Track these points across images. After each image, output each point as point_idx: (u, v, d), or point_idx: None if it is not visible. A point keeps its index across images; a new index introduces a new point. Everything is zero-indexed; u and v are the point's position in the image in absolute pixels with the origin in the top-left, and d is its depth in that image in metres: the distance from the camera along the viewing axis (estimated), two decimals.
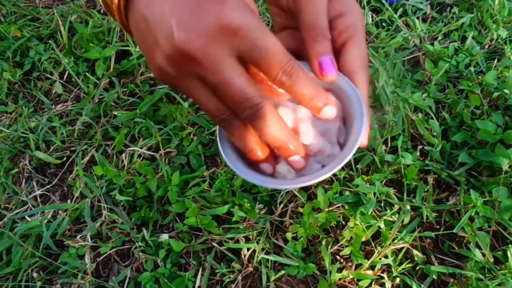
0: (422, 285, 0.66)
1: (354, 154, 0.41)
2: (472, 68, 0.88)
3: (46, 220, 0.76)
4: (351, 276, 0.68)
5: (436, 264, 0.68)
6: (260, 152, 0.41)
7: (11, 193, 0.81)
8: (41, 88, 0.98)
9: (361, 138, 0.41)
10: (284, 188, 0.44)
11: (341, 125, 0.45)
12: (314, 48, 0.42)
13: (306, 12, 0.43)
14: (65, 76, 0.99)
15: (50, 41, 1.01)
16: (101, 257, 0.73)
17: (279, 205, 0.74)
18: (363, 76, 0.44)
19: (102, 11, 1.11)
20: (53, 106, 0.94)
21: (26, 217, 0.77)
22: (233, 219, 0.72)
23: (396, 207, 0.71)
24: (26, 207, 0.80)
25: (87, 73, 0.96)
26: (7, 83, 0.97)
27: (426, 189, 0.74)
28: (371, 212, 0.70)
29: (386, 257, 0.67)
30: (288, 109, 0.44)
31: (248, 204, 0.72)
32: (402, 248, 0.68)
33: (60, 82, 0.97)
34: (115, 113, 0.88)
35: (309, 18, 0.43)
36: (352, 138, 0.42)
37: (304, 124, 0.44)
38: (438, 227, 0.73)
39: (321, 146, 0.44)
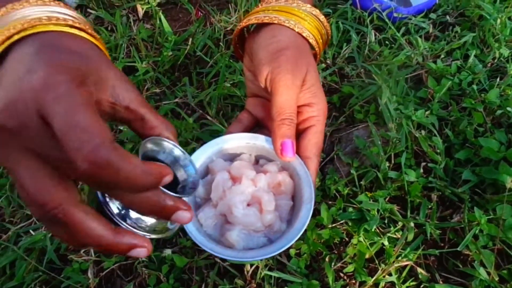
0: None
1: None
2: (475, 86, 0.89)
3: (50, 234, 0.76)
4: None
5: (441, 282, 0.68)
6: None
7: (16, 207, 0.82)
8: None
9: (308, 221, 0.46)
10: (229, 259, 0.48)
11: (291, 203, 0.50)
12: (280, 129, 0.47)
13: (280, 95, 0.48)
14: None
15: None
16: (104, 272, 0.73)
17: None
18: (315, 163, 0.50)
19: (109, 28, 1.13)
20: None
21: (31, 231, 0.77)
22: None
23: (400, 224, 0.71)
24: (30, 220, 0.80)
25: None
26: None
27: (430, 206, 0.74)
28: (375, 229, 0.70)
29: (390, 274, 0.67)
30: (249, 179, 0.49)
31: None
32: (406, 265, 0.67)
33: None
34: (121, 128, 0.89)
35: (282, 102, 0.48)
36: (300, 221, 0.46)
37: (266, 193, 0.48)
38: (442, 244, 0.72)
39: (273, 221, 0.48)
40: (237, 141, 0.52)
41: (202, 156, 0.51)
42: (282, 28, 0.51)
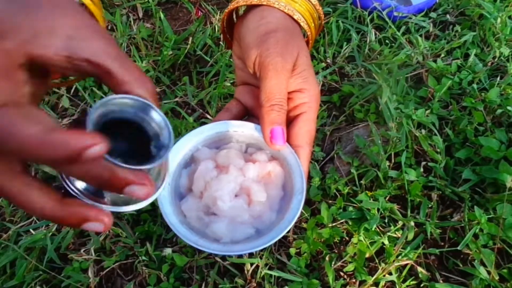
0: None
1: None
2: (475, 85, 0.89)
3: (50, 233, 0.76)
4: None
5: (441, 281, 0.68)
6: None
7: (16, 206, 0.82)
8: (48, 102, 0.99)
9: (299, 213, 0.43)
10: (214, 253, 0.46)
11: (282, 193, 0.48)
12: (269, 115, 0.45)
13: (269, 80, 0.45)
14: (72, 91, 1.01)
15: None
16: (105, 271, 0.73)
17: None
18: (307, 152, 0.47)
19: (109, 27, 1.13)
20: (60, 120, 0.95)
21: (31, 230, 0.77)
22: None
23: (400, 223, 0.71)
24: (30, 220, 0.80)
25: (94, 88, 0.97)
26: None
27: (430, 206, 0.74)
28: (375, 228, 0.70)
29: (390, 274, 0.67)
30: (237, 169, 0.47)
31: None
32: (406, 265, 0.67)
33: (67, 96, 0.99)
34: None
35: (271, 86, 0.45)
36: (291, 212, 0.44)
37: (255, 184, 0.46)
38: (442, 244, 0.72)
39: (262, 212, 0.46)
40: (224, 129, 0.49)
41: (187, 144, 0.48)
42: (271, 9, 0.48)
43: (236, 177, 0.46)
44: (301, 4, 0.50)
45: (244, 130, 0.49)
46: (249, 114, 0.54)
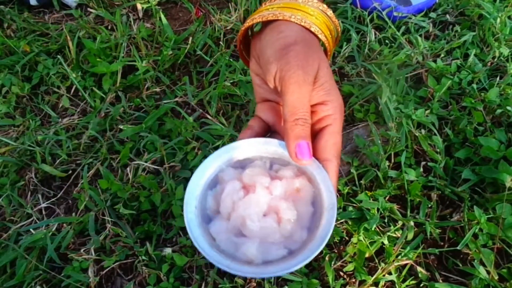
0: None
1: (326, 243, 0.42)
2: (474, 85, 0.89)
3: (50, 233, 0.76)
4: None
5: (441, 281, 0.68)
6: None
7: (17, 206, 0.82)
8: (49, 102, 0.99)
9: (332, 230, 0.42)
10: (248, 276, 0.44)
11: (312, 210, 0.47)
12: (294, 130, 0.44)
13: (292, 94, 0.44)
14: (72, 90, 1.01)
15: (58, 56, 1.03)
16: (104, 271, 0.73)
17: None
18: (335, 166, 0.46)
19: (109, 27, 1.13)
20: (60, 119, 0.95)
21: (31, 229, 0.78)
22: None
23: (400, 223, 0.71)
24: (31, 219, 0.80)
25: (94, 88, 0.97)
26: (15, 96, 0.99)
27: (429, 205, 0.74)
28: (375, 228, 0.70)
29: (390, 273, 0.67)
30: (264, 188, 0.45)
31: None
32: (406, 264, 0.67)
33: (67, 96, 0.99)
34: (121, 127, 0.89)
35: (293, 100, 0.44)
36: (324, 229, 0.42)
37: (284, 201, 0.45)
38: (442, 243, 0.72)
39: (293, 231, 0.45)
40: (248, 147, 0.48)
41: (212, 166, 0.48)
42: (288, 23, 0.48)
43: (263, 196, 0.45)
44: (318, 17, 0.50)
45: (268, 147, 0.48)
46: (271, 130, 0.54)
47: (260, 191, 0.45)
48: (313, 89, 0.46)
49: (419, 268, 0.68)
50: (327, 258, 0.70)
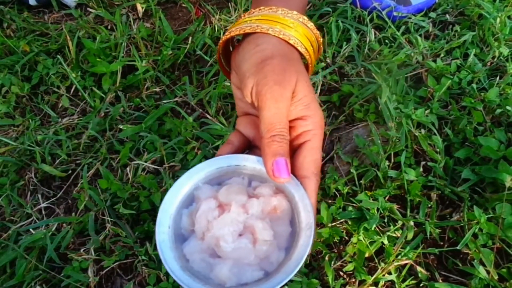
0: None
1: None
2: (474, 85, 0.89)
3: (50, 233, 0.76)
4: None
5: (440, 281, 0.68)
6: None
7: (16, 206, 0.82)
8: (48, 101, 0.99)
9: (309, 251, 0.40)
10: None
11: (290, 230, 0.45)
12: (271, 147, 0.42)
13: (268, 109, 0.43)
14: (72, 90, 1.01)
15: (58, 55, 1.03)
16: (104, 271, 0.73)
17: None
18: (314, 183, 0.44)
19: (109, 27, 1.13)
20: (60, 119, 0.95)
21: (31, 229, 0.78)
22: None
23: (400, 223, 0.71)
24: (30, 219, 0.80)
25: (93, 87, 0.97)
26: (15, 96, 0.99)
27: (429, 205, 0.74)
28: (375, 227, 0.70)
29: (389, 273, 0.67)
30: (239, 206, 0.44)
31: None
32: (406, 264, 0.67)
33: (67, 96, 0.99)
34: (121, 127, 0.89)
35: (270, 116, 0.43)
36: (300, 251, 0.41)
37: (260, 221, 0.43)
38: (442, 243, 0.72)
39: (269, 252, 0.43)
40: (225, 163, 0.47)
41: (188, 183, 0.46)
42: (265, 36, 0.46)
43: (238, 215, 0.43)
44: (297, 29, 0.48)
45: (246, 164, 0.47)
46: (252, 145, 0.52)
47: (235, 210, 0.43)
48: (291, 104, 0.44)
49: (419, 268, 0.68)
50: (327, 258, 0.70)
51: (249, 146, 0.52)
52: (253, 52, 0.46)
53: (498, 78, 0.91)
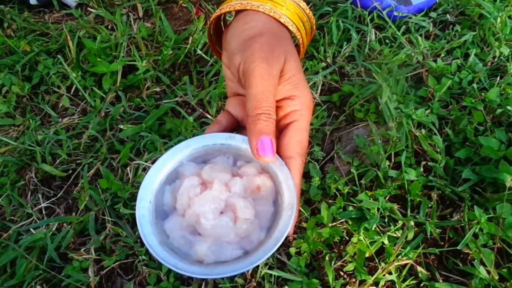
0: None
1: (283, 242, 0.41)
2: (475, 85, 0.89)
3: (50, 233, 0.76)
4: None
5: (441, 281, 0.68)
6: None
7: (17, 206, 0.82)
8: (49, 101, 0.99)
9: (289, 230, 0.40)
10: (194, 277, 0.41)
11: (273, 209, 0.45)
12: (256, 125, 0.41)
13: (255, 87, 0.42)
14: (73, 90, 1.01)
15: (58, 55, 1.03)
16: (105, 271, 0.73)
17: None
18: (299, 164, 0.44)
19: (110, 27, 1.13)
20: (60, 119, 0.96)
21: (31, 229, 0.78)
22: None
23: (400, 223, 0.71)
24: (31, 219, 0.80)
25: (94, 87, 0.97)
26: (16, 96, 0.99)
27: (430, 205, 0.74)
28: (375, 227, 0.70)
29: (390, 273, 0.67)
30: (222, 184, 0.44)
31: None
32: (406, 264, 0.67)
33: (67, 96, 0.99)
34: (121, 126, 0.89)
35: (257, 94, 0.42)
36: (280, 230, 0.41)
37: (242, 200, 0.43)
38: (442, 243, 0.72)
39: (250, 230, 0.43)
40: (211, 142, 0.46)
41: (172, 159, 0.46)
42: (255, 13, 0.45)
43: (220, 193, 0.43)
44: (289, 7, 0.47)
45: (232, 142, 0.46)
46: (241, 126, 0.51)
47: (218, 188, 0.43)
48: (279, 83, 0.44)
49: (419, 268, 0.68)
50: (327, 258, 0.70)
51: (238, 127, 0.51)
52: (242, 29, 0.45)
53: (498, 78, 0.91)
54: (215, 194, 0.43)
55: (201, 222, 0.42)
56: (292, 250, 0.71)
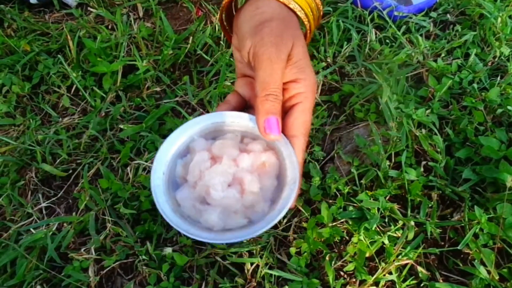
0: None
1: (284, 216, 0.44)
2: (475, 85, 0.89)
3: (51, 233, 0.76)
4: None
5: (441, 281, 0.68)
6: None
7: (17, 205, 0.82)
8: (49, 101, 0.99)
9: (291, 203, 0.44)
10: (205, 241, 0.44)
11: (276, 183, 0.48)
12: (264, 105, 0.45)
13: (264, 70, 0.45)
14: (73, 90, 1.01)
15: (58, 55, 1.03)
16: (105, 270, 0.73)
17: (283, 219, 0.75)
18: (302, 143, 0.47)
19: (110, 27, 1.13)
20: (60, 119, 0.95)
21: (31, 229, 0.78)
22: None
23: (400, 223, 0.71)
24: (31, 219, 0.80)
25: (94, 87, 0.97)
26: (16, 96, 0.99)
27: (430, 205, 0.74)
28: (375, 227, 0.70)
29: (390, 273, 0.67)
30: (231, 160, 0.47)
31: None
32: (407, 264, 0.67)
33: (67, 95, 0.99)
34: (121, 126, 0.89)
35: (265, 76, 0.45)
36: (282, 202, 0.45)
37: (249, 174, 0.47)
38: (442, 243, 0.72)
39: (255, 202, 0.46)
40: (220, 119, 0.49)
41: (183, 135, 0.49)
42: None
43: (229, 167, 0.46)
44: None
45: (240, 120, 0.49)
46: (248, 106, 0.54)
47: (227, 162, 0.46)
48: (286, 67, 0.46)
49: (419, 268, 0.68)
50: (327, 258, 0.70)
51: (246, 107, 0.54)
52: (253, 14, 0.47)
53: (499, 78, 0.91)
54: (224, 168, 0.46)
55: (211, 193, 0.45)
56: (293, 250, 0.71)
